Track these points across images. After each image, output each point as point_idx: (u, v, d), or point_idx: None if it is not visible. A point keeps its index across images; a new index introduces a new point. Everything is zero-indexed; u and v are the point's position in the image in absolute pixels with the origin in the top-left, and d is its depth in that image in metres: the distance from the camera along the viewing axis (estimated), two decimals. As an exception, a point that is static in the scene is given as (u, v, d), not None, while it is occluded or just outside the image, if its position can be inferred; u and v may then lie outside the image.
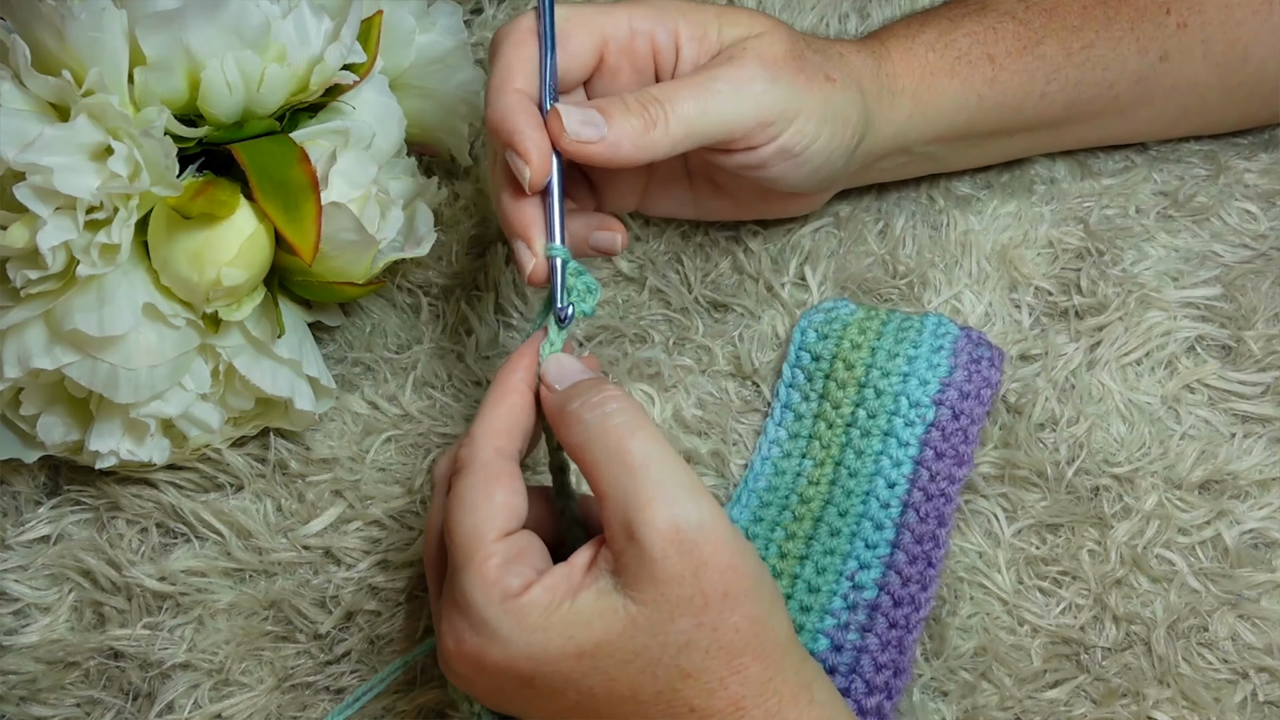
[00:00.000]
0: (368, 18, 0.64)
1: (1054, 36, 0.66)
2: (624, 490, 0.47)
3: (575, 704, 0.49)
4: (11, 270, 0.58)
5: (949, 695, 0.59)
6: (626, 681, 0.48)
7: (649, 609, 0.47)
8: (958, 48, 0.65)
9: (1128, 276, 0.67)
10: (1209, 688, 0.59)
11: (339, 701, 0.61)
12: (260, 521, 0.65)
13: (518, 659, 0.48)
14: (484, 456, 0.50)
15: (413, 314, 0.71)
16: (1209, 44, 0.67)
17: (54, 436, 0.63)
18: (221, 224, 0.59)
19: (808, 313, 0.66)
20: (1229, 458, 0.63)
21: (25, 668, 0.63)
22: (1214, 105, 0.70)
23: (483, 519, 0.49)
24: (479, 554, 0.48)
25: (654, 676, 0.48)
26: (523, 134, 0.55)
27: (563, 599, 0.48)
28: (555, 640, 0.47)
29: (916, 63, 0.64)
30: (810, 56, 0.61)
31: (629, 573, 0.47)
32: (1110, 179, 0.71)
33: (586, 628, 0.47)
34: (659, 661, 0.48)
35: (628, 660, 0.48)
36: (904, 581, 0.59)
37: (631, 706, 0.48)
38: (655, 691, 0.48)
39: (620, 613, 0.47)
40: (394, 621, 0.63)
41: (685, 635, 0.47)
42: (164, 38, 0.57)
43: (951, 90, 0.64)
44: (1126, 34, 0.66)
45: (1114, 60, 0.66)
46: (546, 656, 0.47)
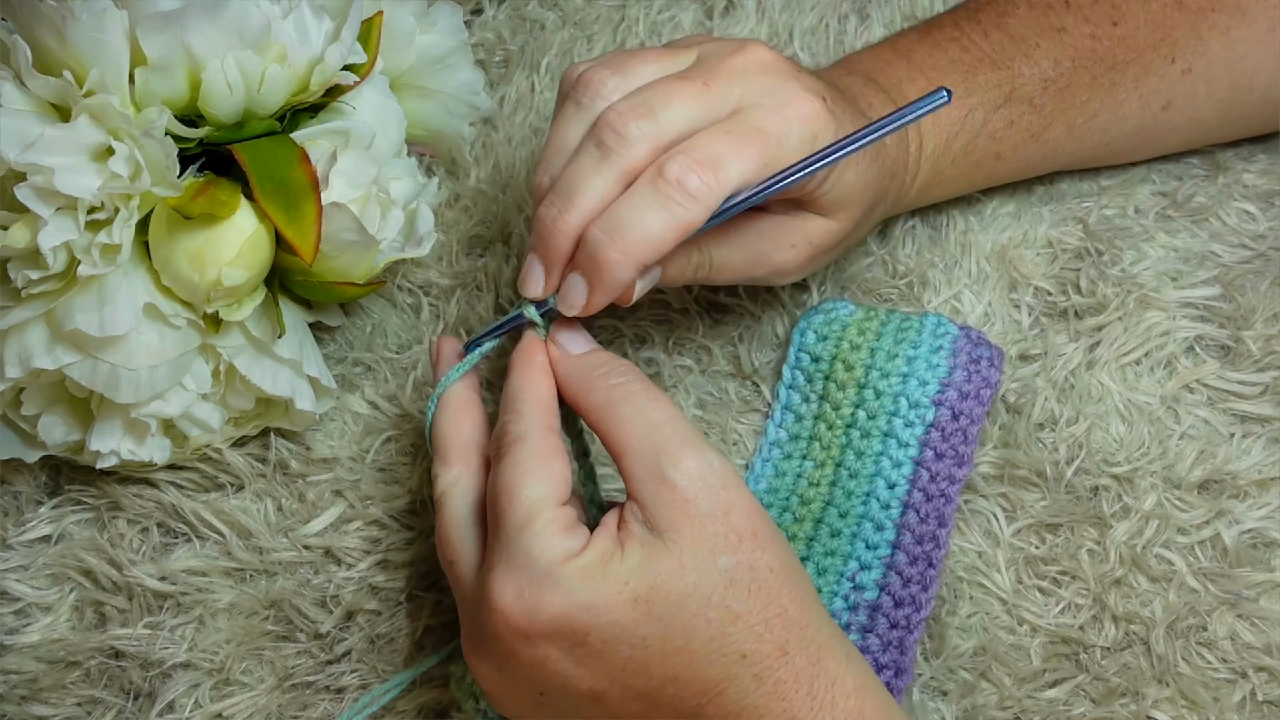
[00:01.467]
0: (368, 18, 0.65)
1: (1061, 118, 0.66)
2: (652, 441, 0.50)
3: (627, 660, 0.49)
4: (13, 270, 0.59)
5: (949, 695, 0.60)
6: (681, 628, 0.49)
7: (691, 546, 0.49)
8: (975, 156, 0.66)
9: (1127, 276, 0.67)
10: (1208, 687, 0.59)
11: (339, 701, 0.61)
12: (261, 521, 0.65)
13: (577, 610, 0.49)
14: (539, 431, 0.53)
15: (413, 314, 0.71)
16: (1213, 83, 0.67)
17: (55, 436, 0.63)
18: (222, 224, 0.59)
19: (807, 314, 0.66)
20: (1228, 457, 0.63)
21: (26, 667, 0.63)
22: (1215, 133, 0.70)
23: (548, 486, 0.51)
24: (543, 516, 0.50)
25: (706, 620, 0.49)
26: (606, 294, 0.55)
27: (612, 554, 0.49)
28: (612, 588, 0.49)
29: (936, 174, 0.66)
30: (857, 234, 0.62)
31: (662, 517, 0.49)
32: (1109, 179, 0.71)
33: (639, 573, 0.49)
34: (709, 601, 0.49)
35: (680, 602, 0.49)
36: (905, 582, 0.59)
37: (685, 659, 0.49)
38: (708, 638, 0.49)
39: (665, 556, 0.49)
40: (394, 621, 0.63)
41: (727, 573, 0.49)
42: (165, 38, 0.57)
43: (950, 190, 0.68)
44: (1130, 94, 0.66)
45: (1114, 123, 0.67)
46: (605, 605, 0.49)
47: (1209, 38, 0.66)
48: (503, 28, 0.80)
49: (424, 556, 0.64)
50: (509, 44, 0.80)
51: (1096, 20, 0.66)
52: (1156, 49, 0.66)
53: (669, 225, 0.53)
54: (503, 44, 0.80)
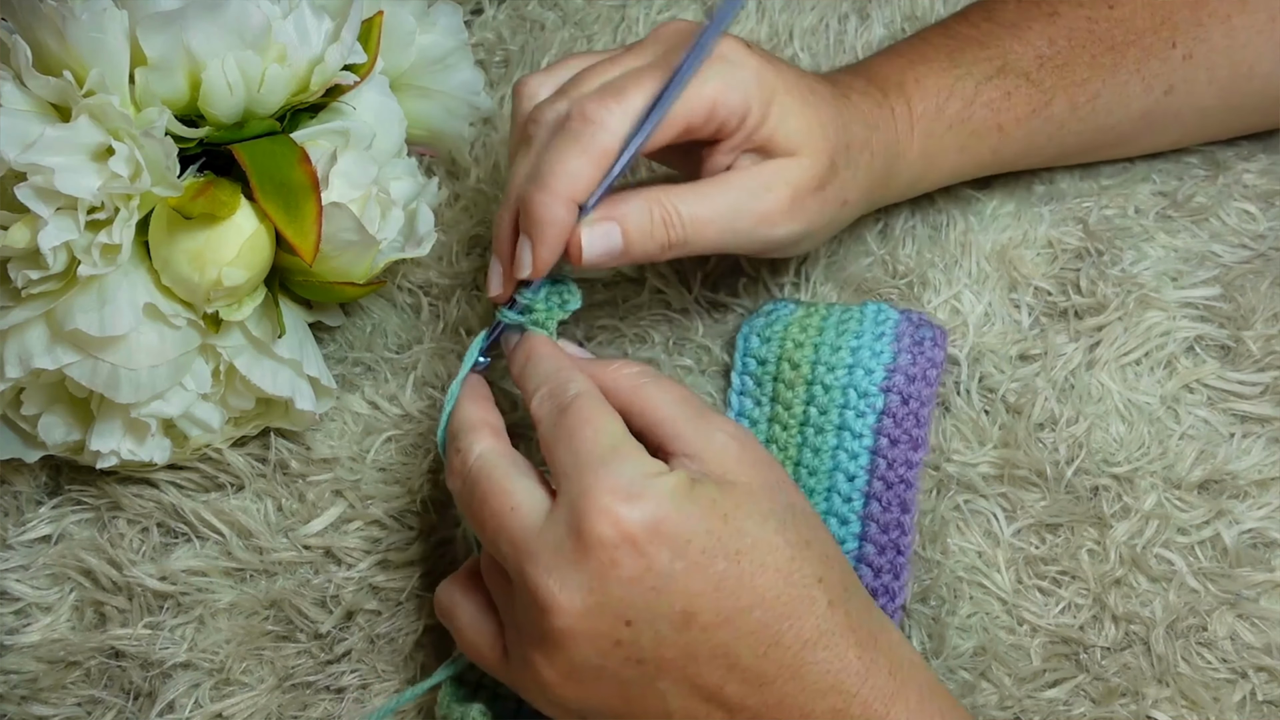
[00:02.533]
0: (368, 18, 0.65)
1: (1063, 94, 0.66)
2: (691, 407, 0.54)
3: (722, 575, 0.50)
4: (13, 270, 0.59)
5: (948, 695, 0.60)
6: (765, 545, 0.51)
7: (757, 483, 0.52)
8: (973, 124, 0.65)
9: (1127, 277, 0.67)
10: (1208, 687, 0.59)
11: (340, 701, 0.61)
12: (261, 521, 0.65)
13: (677, 516, 0.50)
14: (596, 391, 0.54)
15: (413, 314, 0.71)
16: (1214, 69, 0.67)
17: (55, 436, 0.63)
18: (222, 224, 0.59)
19: (749, 319, 0.66)
20: (1228, 457, 0.63)
21: (26, 667, 0.63)
22: (1216, 123, 0.70)
23: (623, 426, 0.53)
24: (626, 445, 0.51)
25: (785, 540, 0.51)
26: (547, 244, 0.56)
27: (694, 480, 0.51)
28: (703, 503, 0.51)
29: (932, 142, 0.65)
30: (840, 177, 0.61)
31: (717, 464, 0.52)
32: (1109, 179, 0.71)
33: (721, 494, 0.51)
34: (785, 524, 0.52)
35: (762, 521, 0.51)
36: (875, 573, 0.59)
37: (770, 577, 0.50)
38: (788, 558, 0.51)
39: (738, 485, 0.52)
40: (395, 621, 0.63)
41: (791, 508, 0.52)
42: (165, 38, 0.57)
43: (955, 161, 0.67)
44: (1132, 76, 0.66)
45: (1118, 104, 0.67)
46: (701, 516, 0.50)
47: (1209, 24, 0.66)
48: (503, 28, 0.80)
49: (424, 556, 0.64)
50: (509, 44, 0.80)
51: (1091, 4, 0.66)
52: (1157, 32, 0.66)
53: (581, 154, 0.55)
54: (503, 44, 0.80)
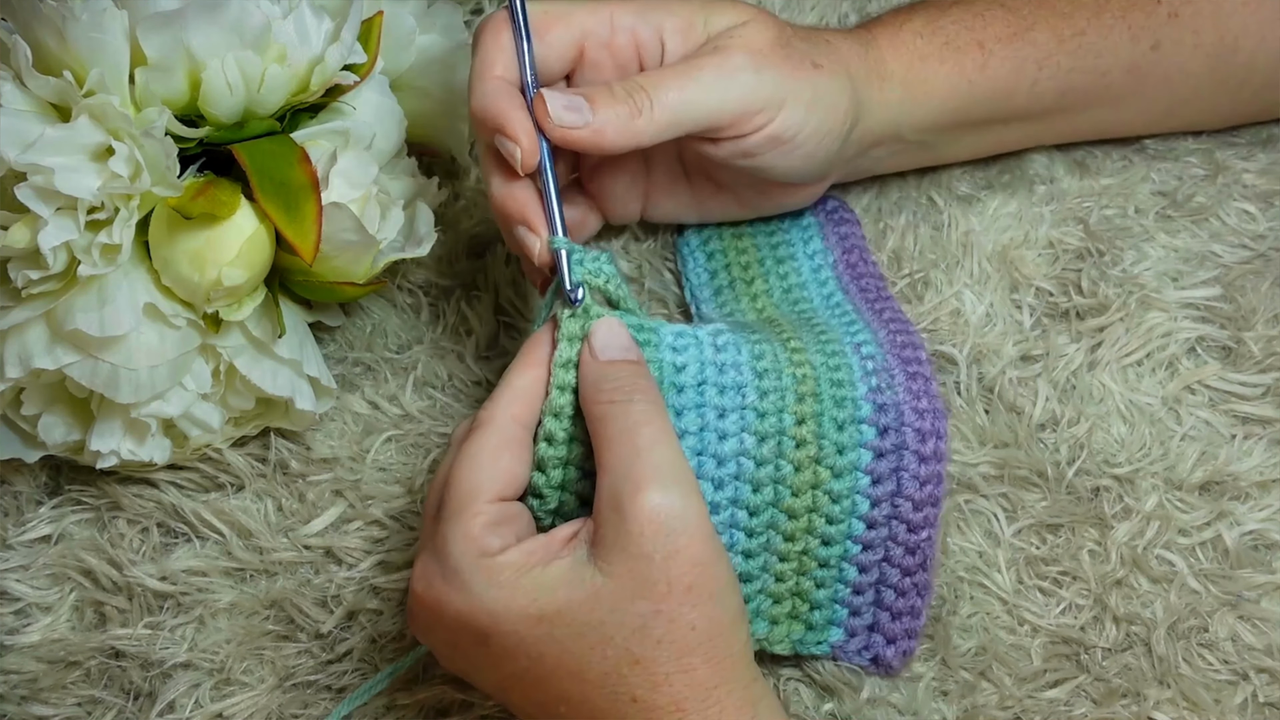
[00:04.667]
0: (368, 18, 0.64)
1: (1045, 23, 0.66)
2: (625, 465, 0.49)
3: (524, 670, 0.50)
4: (13, 270, 0.59)
5: (949, 695, 0.60)
6: (577, 655, 0.49)
7: (613, 583, 0.48)
8: (945, 34, 0.65)
9: (1128, 277, 0.67)
10: (1209, 688, 0.59)
11: (340, 700, 0.61)
12: (261, 521, 0.65)
13: (479, 613, 0.49)
14: (501, 420, 0.52)
15: (413, 314, 0.71)
16: (1200, 34, 0.67)
17: (55, 436, 0.63)
18: (222, 224, 0.59)
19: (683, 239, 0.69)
20: (1229, 459, 0.63)
21: (26, 667, 0.63)
22: (1206, 96, 0.70)
23: (484, 478, 0.51)
24: (470, 509, 0.50)
25: (603, 656, 0.49)
26: (508, 116, 0.57)
27: (536, 564, 0.49)
28: (519, 600, 0.49)
29: (904, 49, 0.64)
30: (797, 45, 0.61)
31: (604, 544, 0.49)
32: (1109, 178, 0.71)
33: (551, 593, 0.49)
34: (611, 640, 0.49)
35: (582, 633, 0.49)
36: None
37: (576, 684, 0.49)
38: (602, 672, 0.49)
39: (586, 583, 0.49)
40: (395, 621, 0.63)
41: (641, 619, 0.48)
42: (165, 38, 0.57)
43: (941, 75, 0.65)
44: (1118, 21, 0.66)
45: (1106, 48, 0.67)
46: (507, 615, 0.49)
47: None
48: (503, 27, 0.80)
49: (424, 557, 0.64)
50: (509, 43, 0.79)
51: None
52: None
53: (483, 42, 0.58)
54: (503, 43, 0.79)
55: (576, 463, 0.54)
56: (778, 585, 0.58)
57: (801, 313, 0.64)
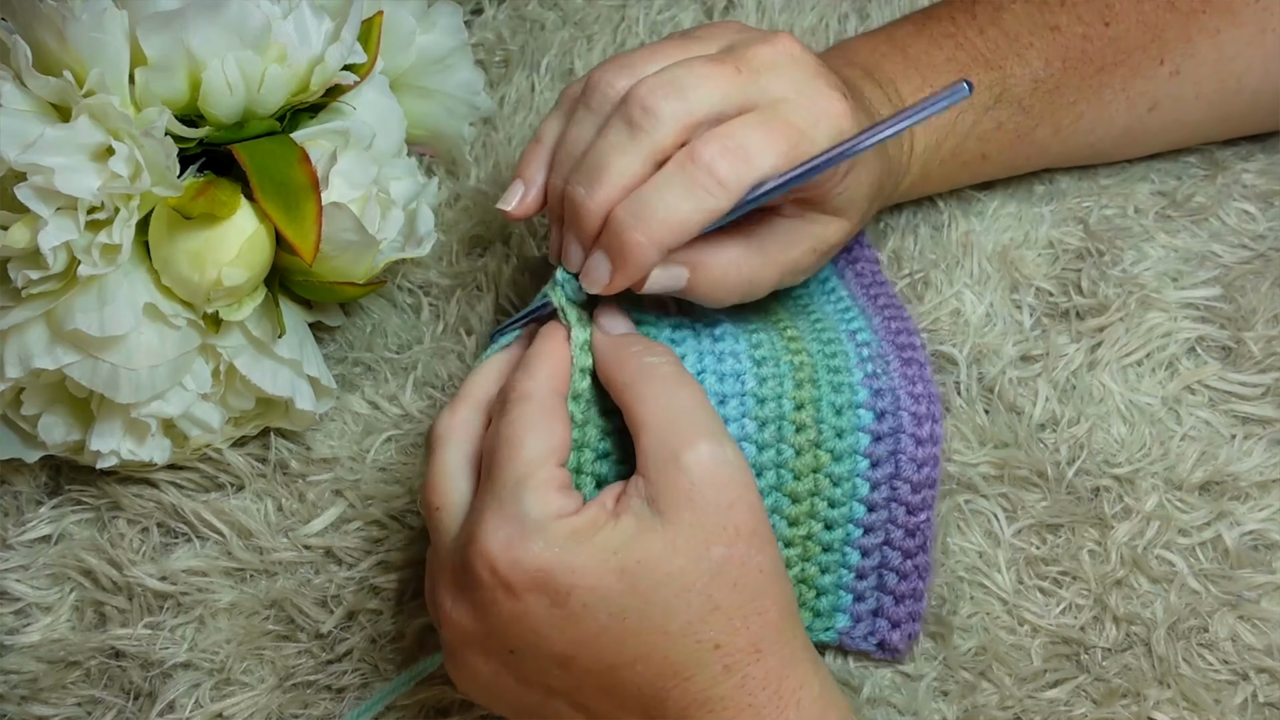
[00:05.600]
0: (368, 18, 0.64)
1: (1048, 120, 0.66)
2: (671, 421, 0.51)
3: (602, 629, 0.49)
4: (13, 270, 0.58)
5: (949, 695, 0.60)
6: (660, 607, 0.49)
7: (687, 531, 0.49)
8: (963, 157, 0.66)
9: (1128, 277, 0.67)
10: (1209, 689, 0.59)
11: (340, 700, 0.61)
12: (261, 521, 0.65)
13: (561, 568, 0.49)
14: (547, 391, 0.53)
15: (413, 314, 0.71)
16: (1201, 84, 0.67)
17: (55, 436, 0.63)
18: (222, 224, 0.59)
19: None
20: (1229, 459, 0.63)
21: (26, 667, 0.63)
22: (1203, 133, 0.70)
23: (547, 445, 0.51)
24: (541, 472, 0.50)
25: (686, 604, 0.49)
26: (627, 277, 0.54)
27: (605, 522, 0.49)
28: (599, 555, 0.49)
29: (924, 175, 0.66)
30: (864, 222, 0.61)
31: (665, 498, 0.50)
32: (1108, 179, 0.71)
33: (629, 546, 0.49)
34: (692, 587, 0.49)
35: (664, 582, 0.49)
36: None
37: (658, 638, 0.49)
38: (685, 622, 0.49)
39: (660, 532, 0.49)
40: (396, 620, 0.63)
41: (717, 564, 0.49)
42: (165, 38, 0.57)
43: (935, 188, 0.69)
44: (1117, 95, 0.66)
45: (1100, 124, 0.67)
46: (590, 569, 0.49)
47: (1198, 39, 0.66)
48: (503, 28, 0.80)
49: (425, 556, 0.64)
50: (509, 44, 0.80)
51: (1090, 20, 0.65)
52: (1146, 50, 0.66)
53: (695, 210, 0.53)
54: (503, 44, 0.80)
55: (591, 444, 0.55)
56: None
57: (798, 299, 0.64)
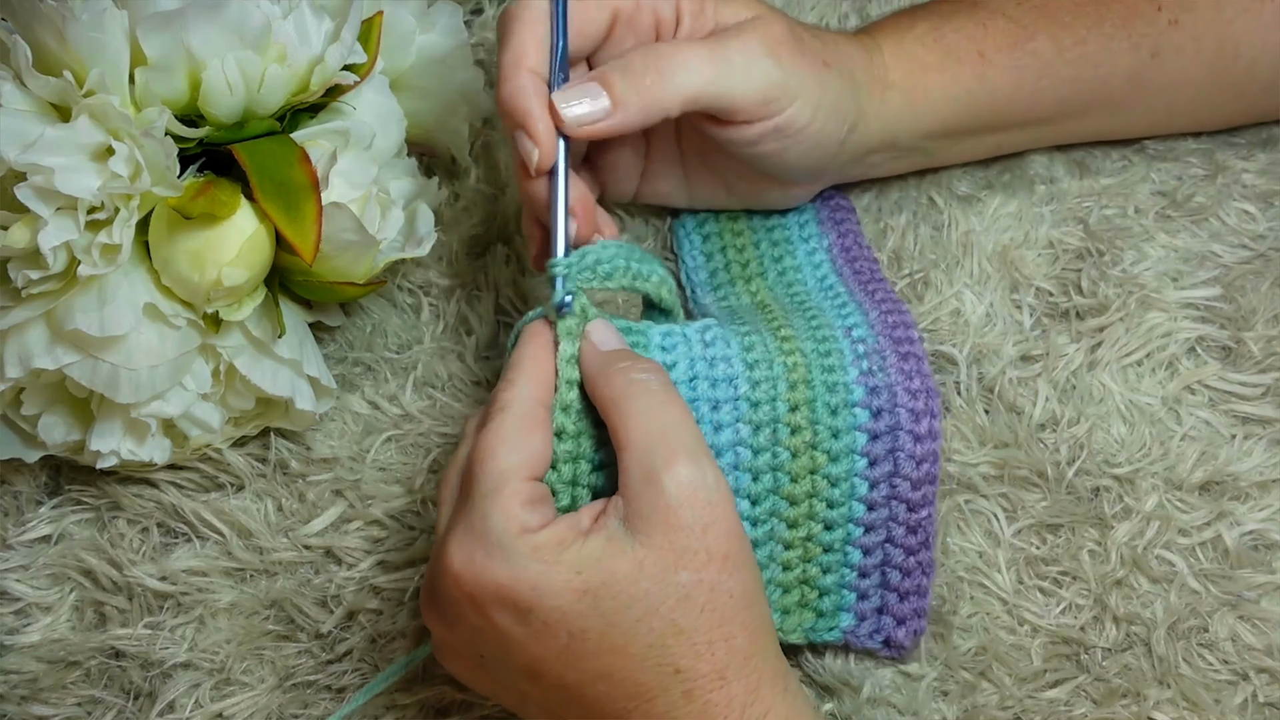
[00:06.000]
0: (368, 18, 0.64)
1: (1046, 33, 0.66)
2: (653, 440, 0.50)
3: (564, 647, 0.49)
4: (13, 270, 0.59)
5: (949, 695, 0.60)
6: (622, 628, 0.49)
7: (656, 554, 0.49)
8: (947, 43, 0.65)
9: (1128, 277, 0.67)
10: (1209, 689, 0.59)
11: (340, 700, 0.61)
12: (261, 521, 0.65)
13: (523, 587, 0.49)
14: (528, 402, 0.52)
15: (413, 314, 0.71)
16: (1200, 41, 0.67)
17: (55, 436, 0.63)
18: (222, 224, 0.59)
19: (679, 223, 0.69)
20: (1229, 459, 0.63)
21: (26, 667, 0.63)
22: (1206, 101, 0.70)
23: (519, 458, 0.51)
24: (508, 487, 0.50)
25: (649, 627, 0.49)
26: (534, 115, 0.56)
27: (573, 540, 0.49)
28: (562, 574, 0.49)
29: (906, 57, 0.65)
30: (808, 41, 0.61)
31: (641, 517, 0.49)
32: (1109, 179, 0.71)
33: (594, 566, 0.49)
34: (656, 611, 0.49)
35: (627, 605, 0.49)
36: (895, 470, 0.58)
37: (619, 659, 0.49)
38: (646, 645, 0.49)
39: (628, 554, 0.49)
40: (396, 620, 0.63)
41: (685, 588, 0.49)
42: (165, 38, 0.57)
43: (940, 85, 0.65)
44: (1118, 30, 0.66)
45: (1106, 57, 0.67)
46: (551, 589, 0.48)
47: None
48: (503, 27, 0.80)
49: (425, 556, 0.64)
50: (509, 43, 0.79)
51: None
52: None
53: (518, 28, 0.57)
54: (503, 43, 0.79)
55: (586, 456, 0.54)
56: (785, 574, 0.58)
57: (795, 295, 0.64)
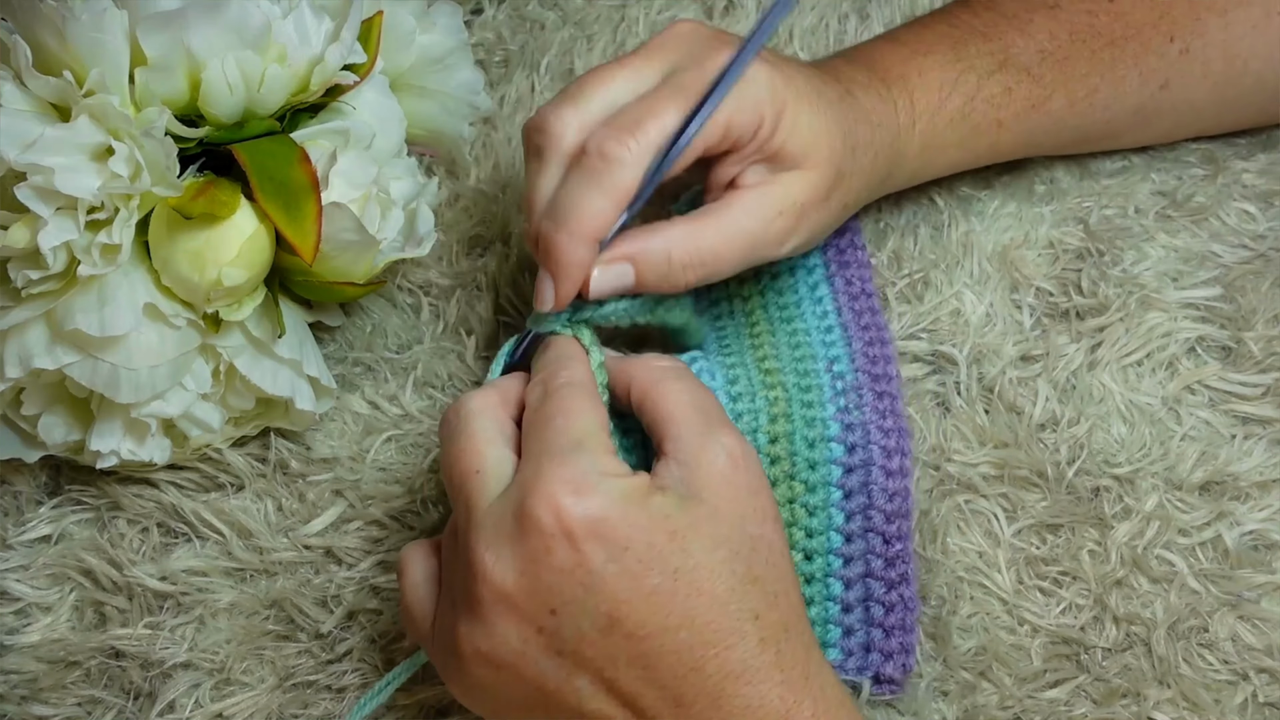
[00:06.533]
0: (368, 18, 0.65)
1: (1062, 90, 0.66)
2: (702, 411, 0.53)
3: (654, 589, 0.49)
4: (13, 270, 0.59)
5: (949, 695, 0.60)
6: (709, 569, 0.50)
7: (726, 506, 0.51)
8: (974, 119, 0.65)
9: (1128, 277, 0.67)
10: (1209, 689, 0.59)
11: (341, 700, 0.61)
12: (261, 521, 0.65)
13: (622, 521, 0.49)
14: (589, 383, 0.54)
15: (413, 314, 0.71)
16: (1209, 64, 0.67)
17: (55, 436, 0.63)
18: (222, 224, 0.59)
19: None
20: (1229, 459, 0.63)
21: (26, 667, 0.63)
22: (1209, 118, 0.70)
23: (598, 419, 0.52)
24: (596, 440, 0.51)
25: (731, 570, 0.50)
26: (570, 279, 0.56)
27: (654, 490, 0.51)
28: (654, 516, 0.50)
29: (933, 138, 0.65)
30: (846, 183, 0.60)
31: (700, 479, 0.51)
32: (1109, 179, 0.71)
33: (677, 511, 0.50)
34: (737, 554, 0.51)
35: (712, 548, 0.50)
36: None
37: (705, 601, 0.50)
38: (729, 587, 0.50)
39: (704, 505, 0.51)
40: (396, 621, 0.63)
41: (752, 540, 0.51)
42: (165, 38, 0.57)
43: (954, 157, 0.66)
44: (1130, 70, 0.66)
45: (1115, 99, 0.67)
46: (647, 526, 0.50)
47: (1206, 18, 0.66)
48: (503, 28, 0.80)
49: (424, 557, 0.64)
50: (509, 44, 0.80)
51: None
52: (1156, 27, 0.66)
53: (600, 194, 0.54)
54: (503, 44, 0.80)
55: None
56: None
57: (784, 309, 0.66)
